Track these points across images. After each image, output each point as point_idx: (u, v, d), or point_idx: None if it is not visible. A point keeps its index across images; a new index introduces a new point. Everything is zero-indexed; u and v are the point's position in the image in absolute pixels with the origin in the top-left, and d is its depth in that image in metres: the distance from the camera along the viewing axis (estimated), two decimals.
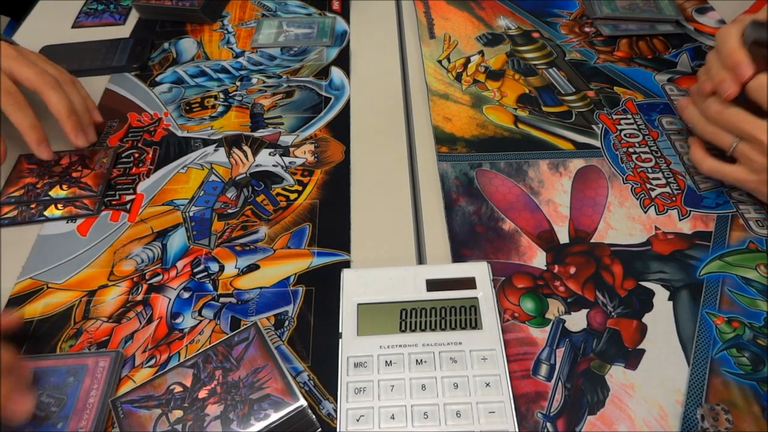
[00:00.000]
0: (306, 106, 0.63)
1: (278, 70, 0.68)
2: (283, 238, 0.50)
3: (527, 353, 0.42)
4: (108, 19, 0.76)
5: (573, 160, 0.55)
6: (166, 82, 0.66)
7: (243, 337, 0.40)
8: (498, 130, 0.59)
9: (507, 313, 0.44)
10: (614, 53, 0.68)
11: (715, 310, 0.44)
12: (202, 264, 0.48)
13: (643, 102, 0.61)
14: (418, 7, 0.75)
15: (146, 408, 0.37)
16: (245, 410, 0.36)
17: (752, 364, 0.41)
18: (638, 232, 0.49)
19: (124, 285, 0.47)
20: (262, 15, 0.76)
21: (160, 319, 0.45)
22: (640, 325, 0.43)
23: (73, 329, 0.44)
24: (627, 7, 0.73)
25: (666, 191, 0.52)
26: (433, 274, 0.44)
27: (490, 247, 0.48)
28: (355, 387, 0.39)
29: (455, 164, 0.55)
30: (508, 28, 0.72)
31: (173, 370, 0.39)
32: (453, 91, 0.63)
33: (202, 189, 0.54)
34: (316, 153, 0.58)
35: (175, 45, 0.72)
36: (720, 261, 0.47)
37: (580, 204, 0.52)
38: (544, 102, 0.62)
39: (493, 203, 0.52)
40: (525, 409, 0.39)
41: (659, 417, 0.39)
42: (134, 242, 0.50)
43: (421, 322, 0.42)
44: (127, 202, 0.53)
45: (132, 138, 0.60)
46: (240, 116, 0.62)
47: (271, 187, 0.54)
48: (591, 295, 0.45)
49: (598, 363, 0.41)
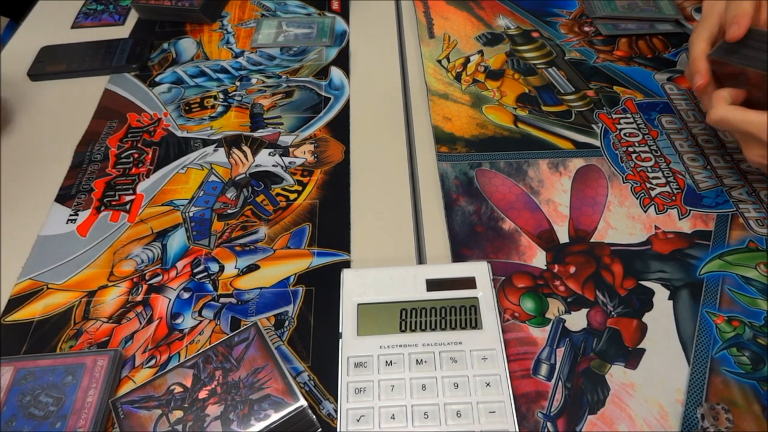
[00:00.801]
0: (305, 106, 0.63)
1: (278, 70, 0.68)
2: (283, 238, 0.50)
3: (527, 353, 0.42)
4: (107, 20, 0.76)
5: (573, 160, 0.55)
6: (165, 82, 0.66)
7: (243, 337, 0.40)
8: (498, 129, 0.59)
9: (507, 313, 0.44)
10: (614, 52, 0.68)
11: (715, 309, 0.44)
12: (202, 264, 0.48)
13: (642, 101, 0.61)
14: (418, 6, 0.75)
15: (146, 408, 0.37)
16: (245, 410, 0.36)
17: (752, 363, 0.41)
18: (638, 232, 0.49)
19: (124, 285, 0.47)
20: (261, 15, 0.76)
21: (160, 320, 0.45)
22: (640, 324, 0.43)
23: (73, 330, 0.44)
24: (626, 6, 0.73)
25: (666, 190, 0.52)
26: (433, 274, 0.44)
27: (490, 246, 0.48)
28: (356, 387, 0.39)
29: (455, 164, 0.55)
30: (508, 27, 0.72)
31: (173, 371, 0.39)
32: (453, 90, 0.63)
33: (202, 189, 0.54)
34: (316, 153, 0.57)
35: (174, 45, 0.72)
36: (720, 260, 0.47)
37: (580, 203, 0.52)
38: (544, 101, 0.62)
39: (493, 203, 0.52)
40: (525, 409, 0.39)
41: (659, 416, 0.39)
42: (134, 243, 0.50)
43: (421, 322, 0.42)
44: (126, 203, 0.53)
45: (131, 138, 0.60)
46: (239, 116, 0.62)
47: (271, 187, 0.54)
48: (591, 294, 0.45)
49: (599, 362, 0.41)
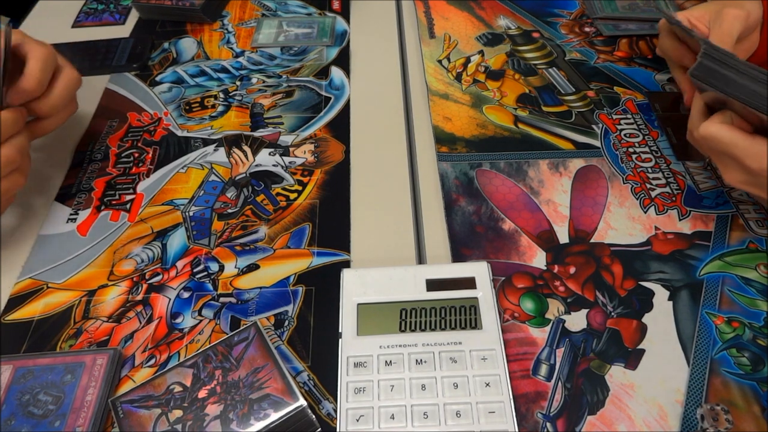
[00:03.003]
0: (306, 106, 0.63)
1: (278, 69, 0.68)
2: (282, 237, 0.50)
3: (527, 353, 0.42)
4: (108, 19, 0.76)
5: (573, 160, 0.55)
6: (166, 81, 0.66)
7: (243, 336, 0.40)
8: (498, 130, 0.59)
9: (507, 313, 0.44)
10: (614, 53, 0.68)
11: (715, 310, 0.44)
12: (201, 264, 0.48)
13: (643, 102, 0.61)
14: (418, 6, 0.75)
15: (146, 408, 0.37)
16: (245, 410, 0.36)
17: (752, 364, 0.41)
18: (638, 232, 0.49)
19: (124, 285, 0.47)
20: (262, 15, 0.76)
21: (159, 319, 0.45)
22: (639, 325, 0.43)
23: (73, 329, 0.44)
24: (627, 7, 0.73)
25: (666, 191, 0.52)
26: (433, 274, 0.44)
27: (490, 247, 0.48)
28: (355, 387, 0.39)
29: (455, 164, 0.55)
30: (508, 27, 0.72)
31: (173, 370, 0.39)
32: (453, 90, 0.63)
33: (202, 189, 0.54)
34: (316, 153, 0.57)
35: (175, 45, 0.72)
36: (720, 261, 0.47)
37: (580, 204, 0.52)
38: (544, 102, 0.62)
39: (493, 203, 0.52)
40: (525, 409, 0.39)
41: (659, 417, 0.39)
42: (134, 242, 0.50)
43: (421, 322, 0.42)
44: (126, 202, 0.53)
45: (132, 138, 0.60)
46: (240, 116, 0.62)
47: (271, 186, 0.54)
48: (591, 295, 0.45)
49: (598, 363, 0.41)
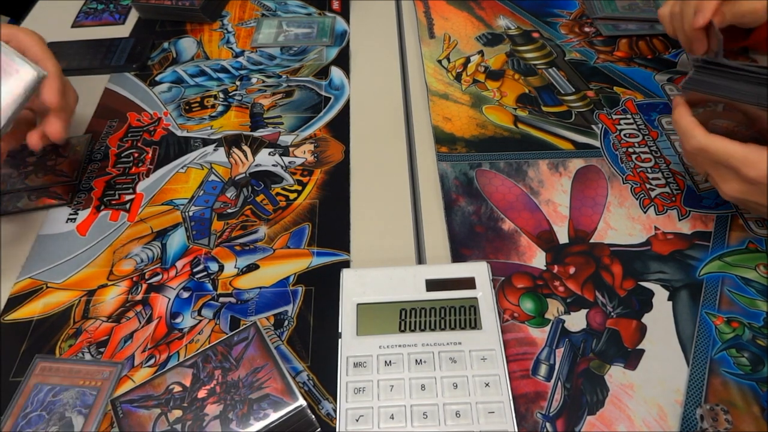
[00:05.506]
0: (306, 106, 0.63)
1: (278, 69, 0.67)
2: (282, 237, 0.50)
3: (527, 353, 0.42)
4: (108, 19, 0.76)
5: (573, 160, 0.55)
6: (165, 81, 0.66)
7: (242, 336, 0.40)
8: (498, 130, 0.59)
9: (506, 313, 0.44)
10: (614, 53, 0.68)
11: (715, 310, 0.44)
12: (201, 264, 0.48)
13: (642, 102, 0.61)
14: (418, 7, 0.75)
15: (145, 408, 0.37)
16: (245, 410, 0.36)
17: (751, 364, 0.41)
18: (638, 232, 0.49)
19: (124, 285, 0.47)
20: (261, 15, 0.76)
21: (159, 319, 0.45)
22: (639, 325, 0.43)
23: (73, 329, 0.44)
24: (627, 7, 0.73)
25: (665, 191, 0.52)
26: (433, 274, 0.44)
27: (490, 247, 0.48)
28: (355, 387, 0.39)
29: (455, 164, 0.55)
30: (508, 28, 0.72)
31: (172, 370, 0.39)
32: (453, 91, 0.63)
33: (202, 189, 0.54)
34: (316, 153, 0.57)
35: (174, 45, 0.72)
36: (719, 261, 0.47)
37: (580, 204, 0.52)
38: (544, 102, 0.62)
39: (492, 203, 0.52)
40: (524, 409, 0.39)
41: (658, 417, 0.39)
42: (134, 242, 0.50)
43: (421, 322, 0.42)
44: (126, 202, 0.53)
45: (131, 138, 0.60)
46: (240, 116, 0.62)
47: (271, 186, 0.54)
48: (590, 295, 0.45)
49: (598, 363, 0.41)
